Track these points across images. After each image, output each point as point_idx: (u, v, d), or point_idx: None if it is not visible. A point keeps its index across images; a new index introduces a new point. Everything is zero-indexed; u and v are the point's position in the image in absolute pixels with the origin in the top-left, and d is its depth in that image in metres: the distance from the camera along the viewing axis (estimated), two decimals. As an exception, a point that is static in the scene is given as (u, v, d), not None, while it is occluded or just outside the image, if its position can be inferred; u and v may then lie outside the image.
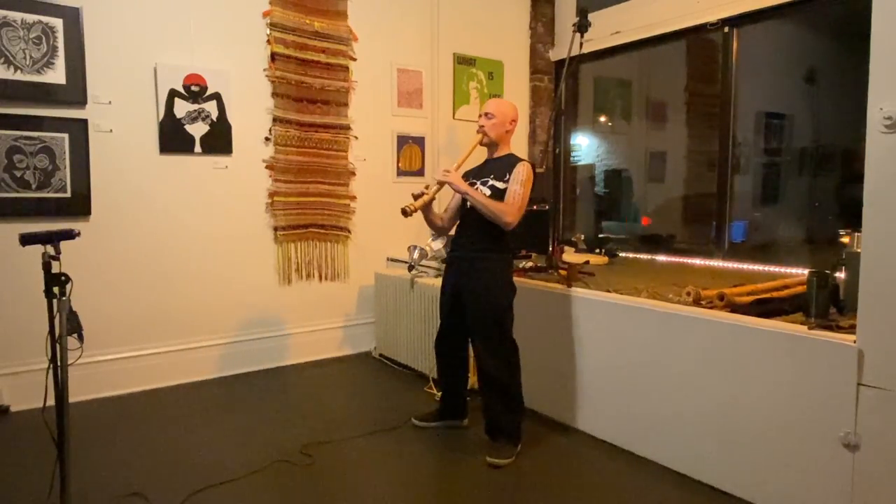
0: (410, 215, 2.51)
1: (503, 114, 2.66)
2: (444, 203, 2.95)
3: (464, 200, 2.68)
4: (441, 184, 2.58)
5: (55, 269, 1.75)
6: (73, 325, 1.76)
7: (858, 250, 1.97)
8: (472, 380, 3.10)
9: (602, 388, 2.77)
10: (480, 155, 2.76)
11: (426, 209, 2.66)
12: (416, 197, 2.56)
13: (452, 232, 2.85)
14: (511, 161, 2.64)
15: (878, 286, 1.87)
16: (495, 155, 2.71)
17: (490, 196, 2.57)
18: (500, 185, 2.59)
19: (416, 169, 4.41)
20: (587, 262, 3.65)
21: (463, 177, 2.66)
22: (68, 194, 3.18)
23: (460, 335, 2.80)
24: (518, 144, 4.97)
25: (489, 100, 2.77)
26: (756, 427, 2.18)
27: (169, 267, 3.50)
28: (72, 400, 1.94)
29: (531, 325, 3.06)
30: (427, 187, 2.60)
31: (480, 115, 2.69)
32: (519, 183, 2.55)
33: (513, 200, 2.53)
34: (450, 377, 2.88)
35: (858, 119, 1.94)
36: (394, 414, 3.04)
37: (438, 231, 2.82)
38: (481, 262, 2.61)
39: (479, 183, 2.64)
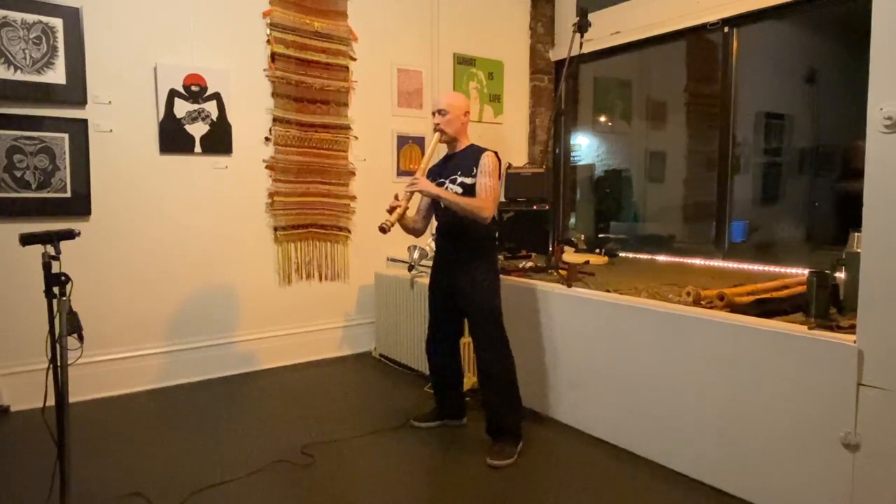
0: (389, 231, 2.46)
1: (456, 107, 2.64)
2: (414, 206, 2.88)
3: (436, 201, 2.66)
4: (411, 193, 2.55)
5: (55, 269, 1.76)
6: (73, 325, 1.76)
7: (858, 250, 1.97)
8: (473, 380, 3.10)
9: (602, 388, 2.76)
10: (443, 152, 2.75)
11: (401, 218, 2.61)
12: (389, 211, 2.52)
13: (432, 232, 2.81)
14: (474, 153, 2.62)
15: (878, 286, 1.87)
16: (457, 149, 2.69)
17: (462, 193, 2.56)
18: (468, 180, 2.58)
19: (416, 169, 4.40)
20: (587, 262, 3.65)
21: (428, 177, 2.64)
22: (68, 194, 3.17)
23: (452, 334, 2.83)
24: (518, 144, 4.98)
25: (440, 96, 2.70)
26: (756, 427, 2.18)
27: (169, 267, 3.50)
28: (72, 400, 1.94)
29: (531, 324, 3.06)
30: (397, 197, 2.55)
31: (434, 113, 2.65)
32: (487, 175, 2.54)
33: (485, 194, 2.52)
34: (445, 378, 2.88)
35: (858, 119, 1.93)
36: (394, 414, 3.04)
37: (414, 233, 2.81)
38: (472, 262, 2.61)
39: (447, 182, 2.63)
